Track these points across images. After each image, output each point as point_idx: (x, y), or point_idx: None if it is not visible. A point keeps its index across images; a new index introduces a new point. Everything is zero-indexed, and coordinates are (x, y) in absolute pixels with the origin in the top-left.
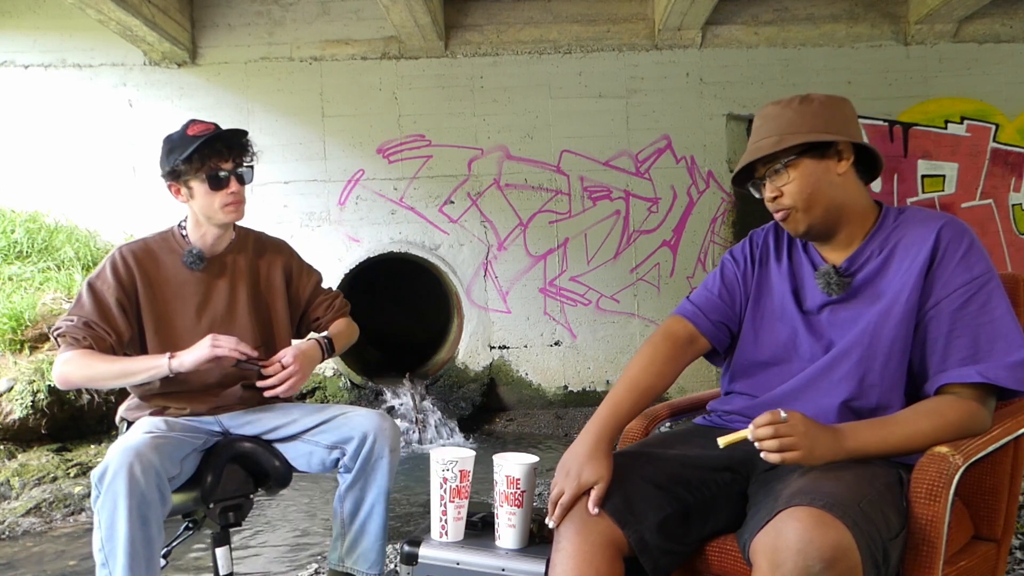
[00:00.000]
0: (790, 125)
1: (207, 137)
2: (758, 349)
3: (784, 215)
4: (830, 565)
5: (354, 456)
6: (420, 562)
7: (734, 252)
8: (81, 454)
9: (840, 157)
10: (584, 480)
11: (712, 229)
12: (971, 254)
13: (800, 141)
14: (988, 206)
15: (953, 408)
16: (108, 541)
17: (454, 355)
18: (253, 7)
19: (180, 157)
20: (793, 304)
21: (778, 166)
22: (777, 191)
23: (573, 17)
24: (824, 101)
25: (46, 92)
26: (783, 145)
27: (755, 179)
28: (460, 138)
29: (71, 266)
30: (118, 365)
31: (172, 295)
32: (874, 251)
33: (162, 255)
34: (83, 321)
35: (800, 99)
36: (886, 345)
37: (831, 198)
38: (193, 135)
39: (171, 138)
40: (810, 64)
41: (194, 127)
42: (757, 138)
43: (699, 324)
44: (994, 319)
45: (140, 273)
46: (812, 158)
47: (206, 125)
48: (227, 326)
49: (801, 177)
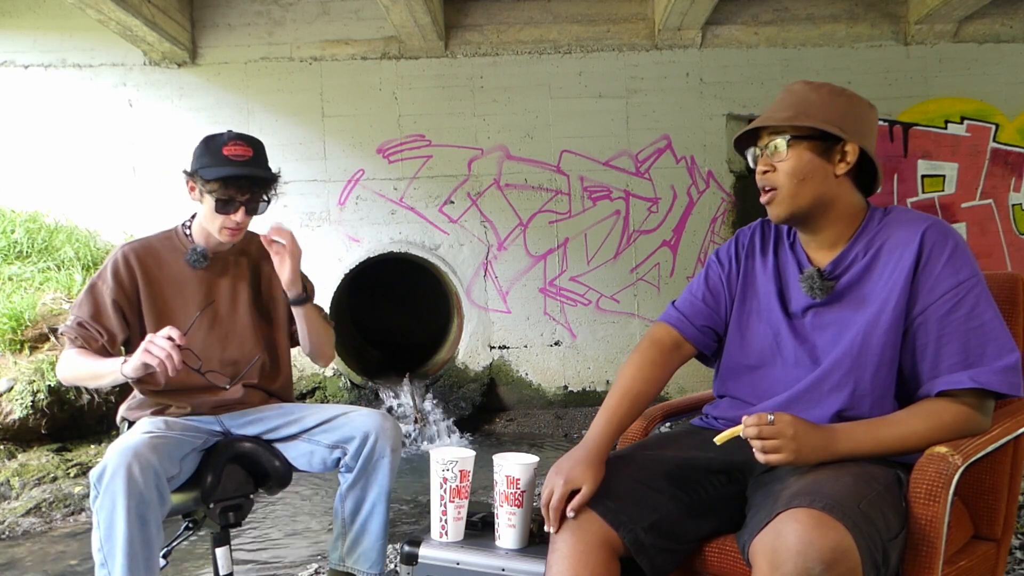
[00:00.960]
0: (810, 107)
1: (235, 175)
2: (743, 352)
3: (770, 196)
4: (830, 566)
5: (355, 456)
6: (420, 562)
7: (719, 253)
8: (81, 454)
9: (843, 159)
10: (570, 480)
11: (712, 229)
12: (956, 257)
13: (812, 125)
14: (988, 206)
15: (948, 410)
16: (107, 541)
17: (454, 355)
18: (253, 7)
19: (206, 170)
20: (778, 305)
21: (780, 140)
22: (770, 165)
23: (573, 17)
24: (854, 99)
25: (46, 92)
26: (794, 122)
27: (756, 146)
28: (460, 138)
29: (71, 266)
30: (89, 368)
31: (174, 293)
32: (858, 254)
33: (165, 254)
34: (77, 321)
35: (832, 88)
36: (876, 354)
37: (821, 192)
38: (228, 156)
39: (210, 144)
40: (810, 64)
41: (233, 147)
42: (775, 108)
43: (683, 330)
44: (983, 323)
45: (142, 272)
46: (815, 147)
47: (244, 150)
48: (229, 325)
49: (797, 159)
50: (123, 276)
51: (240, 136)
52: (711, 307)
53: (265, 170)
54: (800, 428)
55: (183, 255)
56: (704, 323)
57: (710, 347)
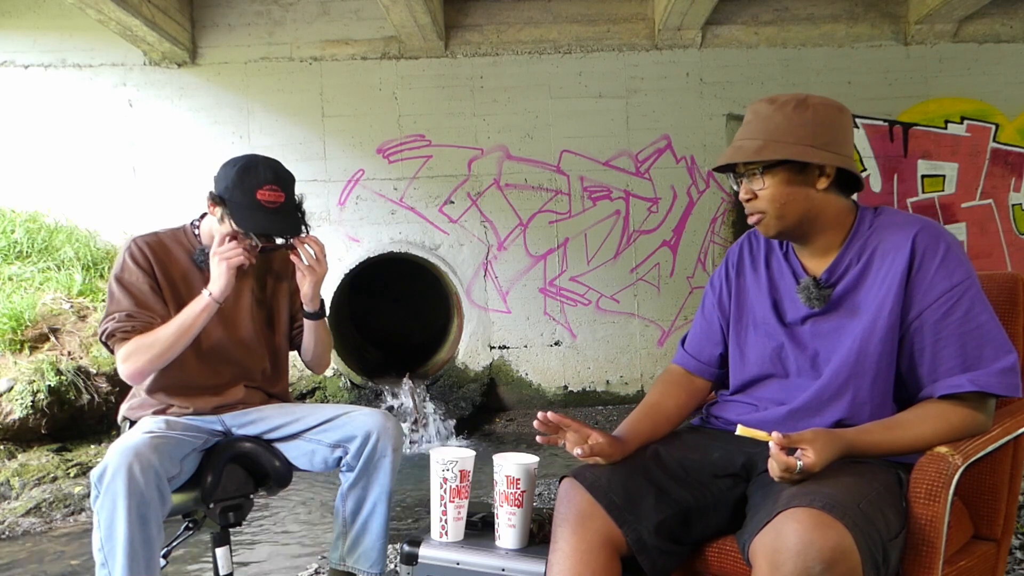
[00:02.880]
0: (777, 131)
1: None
2: (746, 367)
3: (757, 219)
4: (830, 566)
5: (356, 455)
6: (420, 562)
7: (713, 280)
8: (81, 454)
9: (822, 173)
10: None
11: (712, 229)
12: (949, 260)
13: (781, 157)
14: (988, 206)
15: (955, 412)
16: (107, 541)
17: (454, 355)
18: (253, 7)
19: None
20: (774, 318)
21: (756, 170)
22: (751, 193)
23: (573, 17)
24: (819, 109)
25: (46, 92)
26: (763, 156)
27: (735, 172)
28: (460, 138)
29: (71, 266)
30: (172, 327)
31: (183, 287)
32: (852, 260)
33: (173, 248)
34: (125, 315)
35: (796, 103)
36: (873, 362)
37: (806, 209)
38: (261, 202)
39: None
40: (810, 64)
41: (268, 193)
42: (743, 135)
43: (690, 367)
44: (979, 325)
45: (155, 260)
46: (791, 170)
47: (277, 196)
48: (231, 325)
49: (777, 186)
50: (142, 263)
51: (276, 178)
52: (711, 337)
53: (294, 219)
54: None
55: (191, 254)
56: (709, 355)
57: (716, 375)
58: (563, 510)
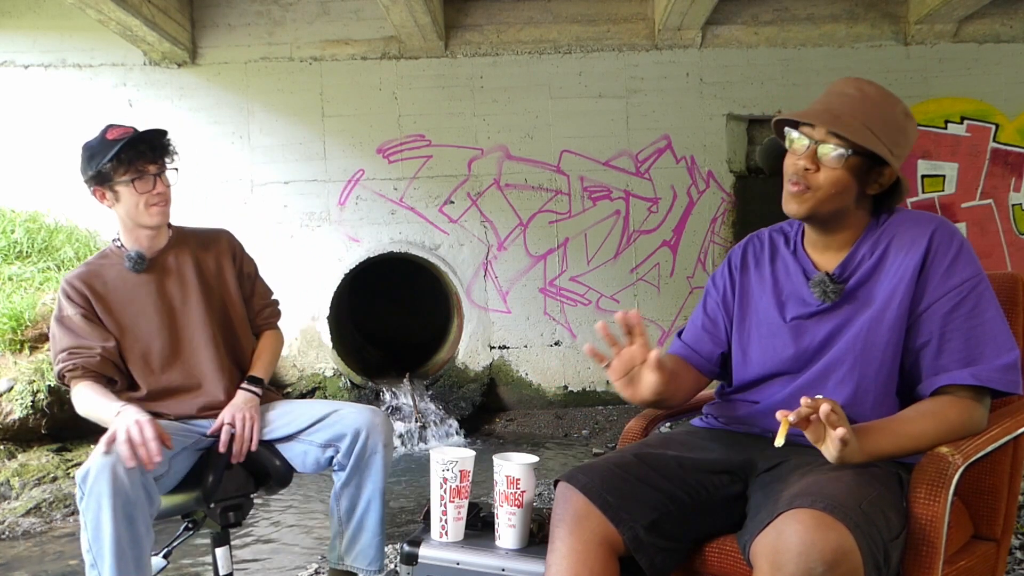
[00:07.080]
0: (876, 122)
1: (129, 139)
2: (748, 367)
3: (800, 190)
4: (832, 567)
5: (347, 453)
6: (420, 562)
7: (715, 278)
8: (81, 454)
9: (878, 180)
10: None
11: (712, 229)
12: (961, 257)
13: (880, 153)
14: (988, 206)
15: (954, 408)
16: (95, 542)
17: (454, 355)
18: (253, 7)
19: (104, 160)
20: (778, 316)
21: (838, 151)
22: (814, 164)
23: (573, 17)
24: (912, 123)
25: (46, 92)
26: (866, 142)
27: (800, 129)
28: (460, 138)
29: (71, 266)
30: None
31: (127, 302)
32: (865, 255)
33: (105, 271)
34: (67, 353)
35: (903, 107)
36: (879, 350)
37: (847, 203)
38: (113, 139)
39: (90, 144)
40: (810, 64)
41: (113, 131)
42: (841, 104)
43: (688, 358)
44: (984, 321)
45: (91, 293)
46: (861, 164)
47: (125, 129)
48: (185, 319)
49: (844, 171)
50: (76, 299)
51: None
52: (711, 333)
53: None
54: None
55: (122, 264)
56: (708, 350)
57: (714, 372)
58: (559, 511)
